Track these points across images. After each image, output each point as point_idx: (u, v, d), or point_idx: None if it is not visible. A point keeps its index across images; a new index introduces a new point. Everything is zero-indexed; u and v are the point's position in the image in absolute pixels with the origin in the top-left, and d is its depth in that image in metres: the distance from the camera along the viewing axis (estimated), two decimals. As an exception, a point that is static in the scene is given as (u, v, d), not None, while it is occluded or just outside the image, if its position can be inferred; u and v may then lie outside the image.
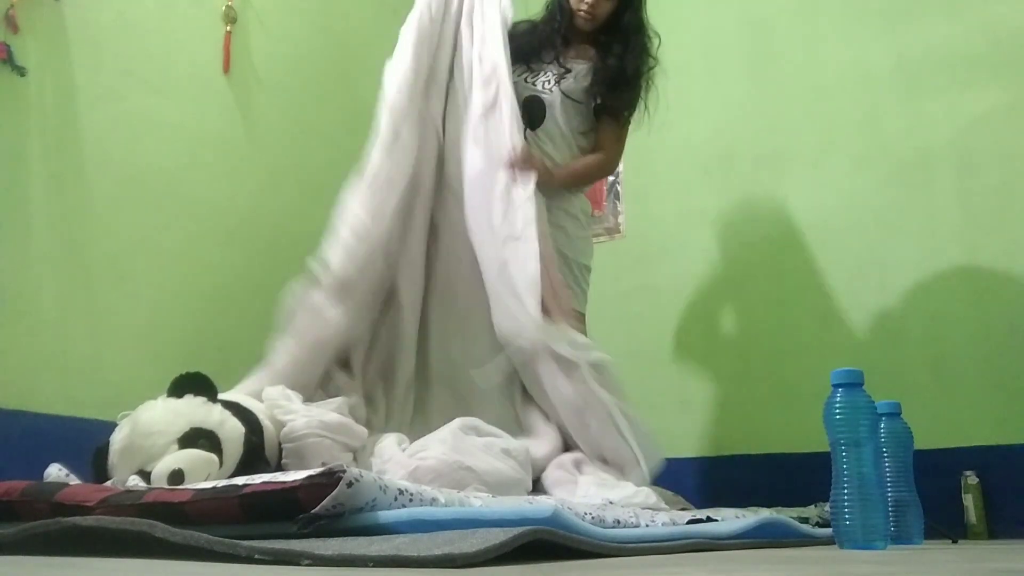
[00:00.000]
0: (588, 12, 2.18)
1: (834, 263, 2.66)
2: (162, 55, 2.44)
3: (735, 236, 2.87)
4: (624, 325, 2.97)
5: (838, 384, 1.39)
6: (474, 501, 1.28)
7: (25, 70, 2.11)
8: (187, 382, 1.59)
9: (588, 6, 2.17)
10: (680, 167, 3.04)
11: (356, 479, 1.06)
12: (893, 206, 2.57)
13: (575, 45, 2.27)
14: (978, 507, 2.24)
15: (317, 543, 0.95)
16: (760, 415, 2.72)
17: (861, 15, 2.74)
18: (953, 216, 2.47)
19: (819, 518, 2.06)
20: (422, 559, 0.85)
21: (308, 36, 2.89)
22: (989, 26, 2.49)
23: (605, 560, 1.05)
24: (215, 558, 0.91)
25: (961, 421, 2.34)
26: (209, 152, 2.53)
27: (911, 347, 2.47)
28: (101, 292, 2.22)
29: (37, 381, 2.05)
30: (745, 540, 1.45)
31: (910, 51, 2.62)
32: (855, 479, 1.34)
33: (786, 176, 2.81)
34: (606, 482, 1.73)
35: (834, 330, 2.62)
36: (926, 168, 2.54)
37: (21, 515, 1.21)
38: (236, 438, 1.55)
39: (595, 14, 2.18)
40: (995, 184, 2.42)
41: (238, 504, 1.09)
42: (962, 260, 2.44)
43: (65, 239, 2.17)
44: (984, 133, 2.46)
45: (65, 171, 2.19)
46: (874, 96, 2.67)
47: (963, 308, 2.41)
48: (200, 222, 2.48)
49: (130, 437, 1.48)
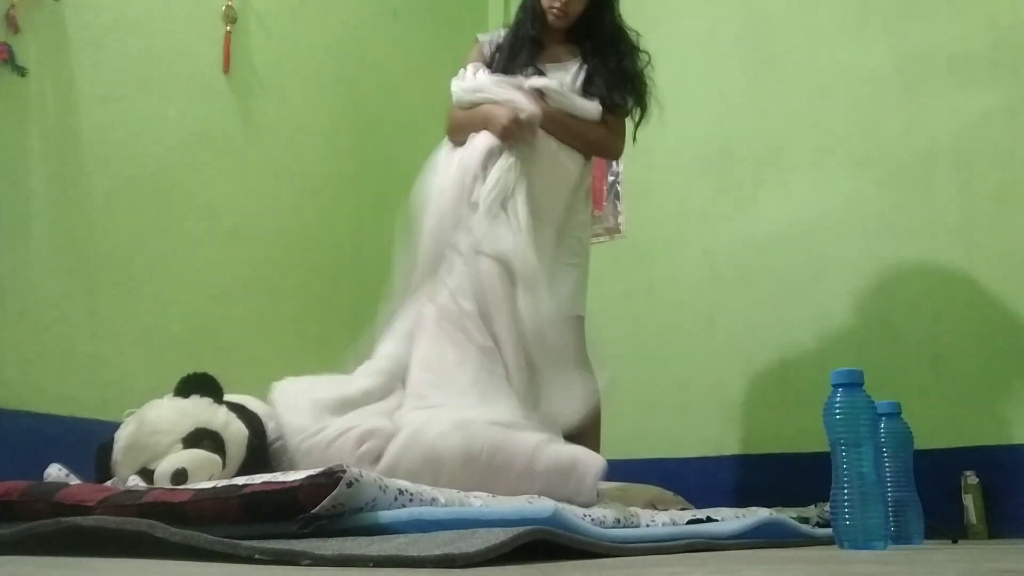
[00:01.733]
0: (560, 10, 2.16)
1: (834, 263, 2.66)
2: (162, 55, 2.44)
3: (735, 236, 2.87)
4: (624, 325, 2.97)
5: (838, 384, 1.39)
6: (474, 501, 1.28)
7: (25, 70, 2.11)
8: (193, 382, 1.60)
9: (560, 4, 2.16)
10: (680, 167, 3.04)
11: (356, 479, 1.06)
12: (893, 206, 2.57)
13: (549, 48, 2.25)
14: (978, 507, 2.24)
15: (317, 543, 0.95)
16: (760, 415, 2.72)
17: (861, 15, 2.74)
18: (953, 216, 2.47)
19: (819, 518, 2.06)
20: (422, 559, 0.85)
21: (308, 36, 2.88)
22: (989, 26, 2.49)
23: (605, 560, 1.05)
24: (215, 558, 0.92)
25: (961, 421, 2.34)
26: (209, 152, 2.53)
27: (911, 347, 2.47)
28: (101, 292, 2.22)
29: (37, 381, 2.05)
30: (745, 540, 1.46)
31: (910, 51, 2.62)
32: (855, 479, 1.34)
33: (786, 176, 2.81)
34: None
35: (834, 330, 2.62)
36: (926, 168, 2.54)
37: (21, 515, 1.21)
38: (240, 440, 1.56)
39: (567, 12, 2.16)
40: (995, 184, 2.42)
41: (238, 504, 1.09)
42: (962, 260, 2.44)
43: (65, 239, 2.17)
44: (984, 133, 2.46)
45: (65, 171, 2.19)
46: (874, 96, 2.67)
47: (963, 308, 2.41)
48: (200, 222, 2.48)
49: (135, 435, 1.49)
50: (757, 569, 0.90)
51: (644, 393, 2.87)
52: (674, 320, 2.95)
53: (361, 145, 3.00)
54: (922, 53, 2.59)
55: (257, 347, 2.54)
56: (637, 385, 2.86)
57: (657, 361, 2.93)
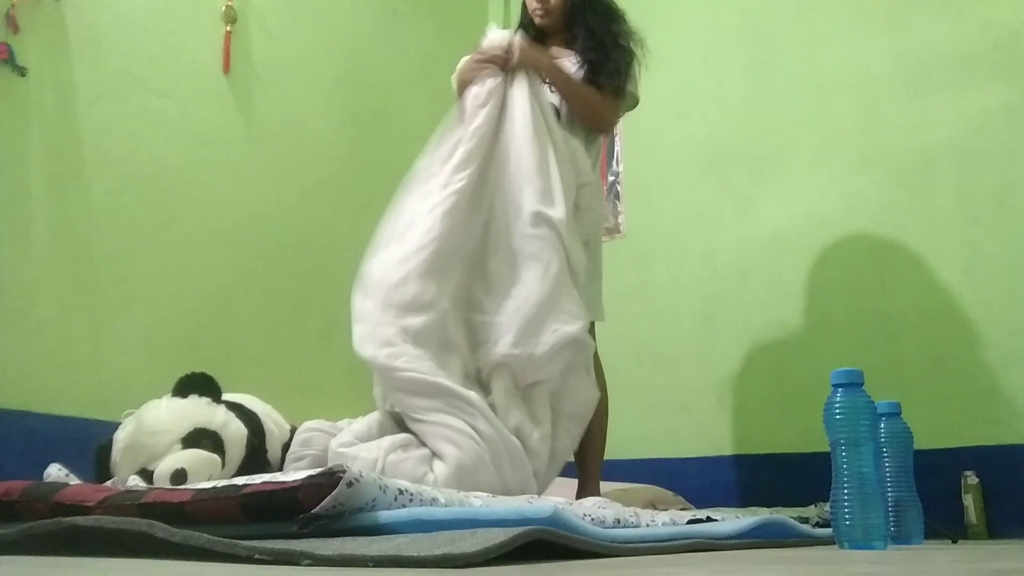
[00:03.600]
0: (541, 8, 2.23)
1: (834, 263, 2.66)
2: (162, 55, 2.44)
3: (735, 236, 2.87)
4: (624, 325, 2.96)
5: (838, 384, 1.39)
6: (474, 501, 1.28)
7: (25, 70, 2.11)
8: (192, 382, 1.60)
9: (540, 4, 2.22)
10: (680, 167, 3.04)
11: (356, 479, 1.06)
12: (893, 206, 2.57)
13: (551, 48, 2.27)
14: (978, 507, 2.24)
15: (317, 543, 0.95)
16: (760, 415, 2.72)
17: (861, 15, 2.74)
18: (953, 216, 2.47)
19: (819, 518, 2.06)
20: (422, 559, 0.85)
21: (308, 36, 2.89)
22: (989, 26, 2.49)
23: (605, 560, 1.05)
24: (215, 558, 0.92)
25: (961, 421, 2.34)
26: (209, 152, 2.53)
27: (911, 347, 2.47)
28: (102, 292, 2.22)
29: (37, 381, 2.05)
30: (745, 540, 1.46)
31: (910, 51, 2.62)
32: (855, 479, 1.34)
33: (786, 176, 2.81)
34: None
35: (834, 330, 2.62)
36: (926, 168, 2.54)
37: (21, 515, 1.21)
38: (239, 439, 1.56)
39: (547, 8, 2.22)
40: (995, 184, 2.42)
41: (238, 504, 1.09)
42: (962, 260, 2.44)
43: (65, 239, 2.17)
44: (984, 133, 2.46)
45: (65, 171, 2.19)
46: (874, 96, 2.67)
47: (963, 308, 2.41)
48: (200, 222, 2.48)
49: (134, 435, 1.49)
50: (757, 569, 0.90)
51: (644, 393, 2.87)
52: (674, 320, 2.95)
53: (361, 145, 3.00)
54: (922, 53, 2.59)
55: (257, 347, 2.54)
56: (637, 385, 2.86)
57: (657, 361, 2.93)
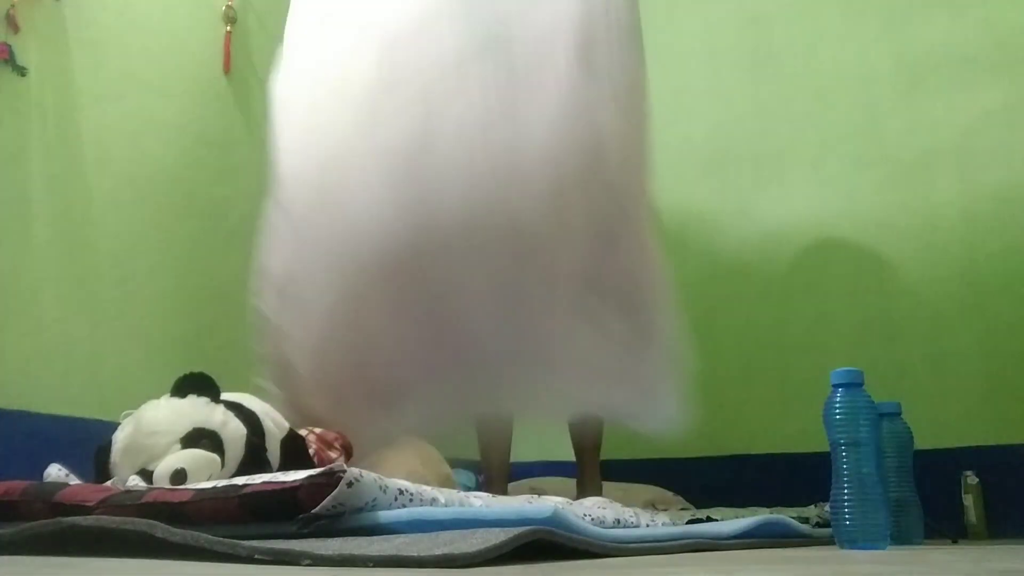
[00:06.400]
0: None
1: (834, 263, 2.65)
2: (162, 55, 2.44)
3: (735, 236, 2.87)
4: (624, 325, 2.96)
5: (838, 384, 1.40)
6: (474, 501, 1.28)
7: (25, 70, 2.11)
8: (190, 382, 1.59)
9: None
10: (680, 167, 3.04)
11: (356, 479, 1.06)
12: (893, 206, 2.57)
13: None
14: (978, 507, 2.24)
15: (317, 543, 0.95)
16: (760, 415, 2.71)
17: (861, 15, 2.74)
18: (953, 216, 2.47)
19: (819, 518, 2.05)
20: (422, 559, 0.85)
21: (308, 36, 2.88)
22: (990, 26, 2.49)
23: (605, 560, 1.05)
24: (215, 558, 0.92)
25: (961, 421, 2.34)
26: (209, 152, 2.53)
27: (911, 347, 2.47)
28: (101, 292, 2.22)
29: (37, 381, 2.05)
30: (745, 540, 1.46)
31: (910, 51, 2.62)
32: (855, 479, 1.34)
33: (786, 176, 2.81)
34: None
35: (834, 330, 2.61)
36: (926, 168, 2.54)
37: (21, 515, 1.21)
38: (238, 439, 1.55)
39: None
40: (995, 184, 2.42)
41: (238, 504, 1.09)
42: (962, 260, 2.44)
43: (65, 239, 2.17)
44: (984, 133, 2.46)
45: (65, 171, 2.19)
46: (874, 96, 2.67)
47: (963, 308, 2.41)
48: (200, 222, 2.47)
49: (132, 436, 1.48)
50: (757, 569, 0.90)
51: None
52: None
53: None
54: (922, 53, 2.59)
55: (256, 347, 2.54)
56: (637, 385, 2.85)
57: (657, 361, 2.93)
